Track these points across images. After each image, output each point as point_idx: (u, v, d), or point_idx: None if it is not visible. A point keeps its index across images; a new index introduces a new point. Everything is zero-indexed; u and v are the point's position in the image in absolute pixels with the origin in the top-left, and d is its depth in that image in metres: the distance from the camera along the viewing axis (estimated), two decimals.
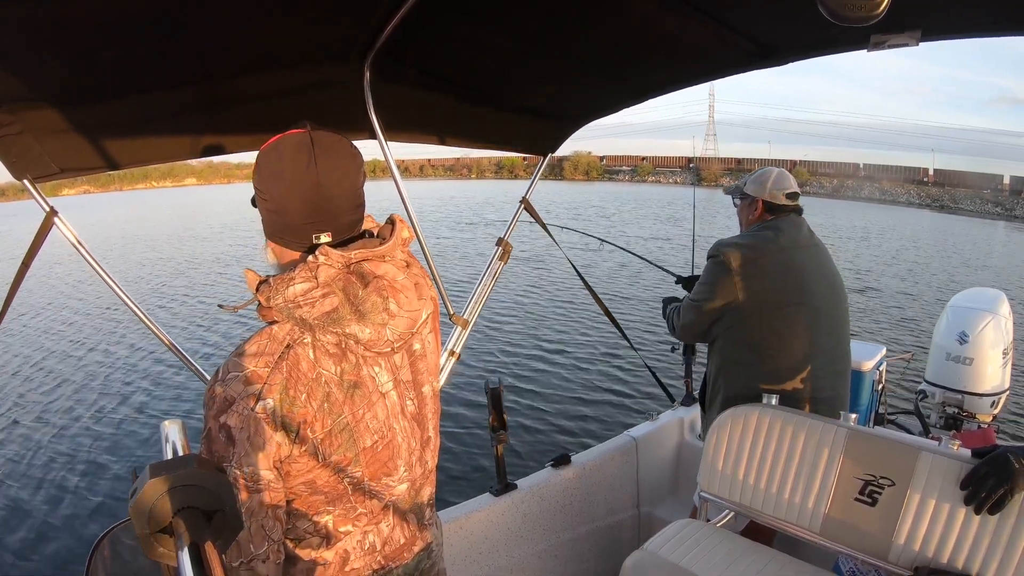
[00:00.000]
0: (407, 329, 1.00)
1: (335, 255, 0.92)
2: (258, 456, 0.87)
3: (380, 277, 0.96)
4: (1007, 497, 1.44)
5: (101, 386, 7.08)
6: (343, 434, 0.94)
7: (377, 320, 0.95)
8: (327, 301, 0.91)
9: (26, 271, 1.39)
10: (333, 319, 0.91)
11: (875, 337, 8.53)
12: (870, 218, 28.63)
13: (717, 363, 2.07)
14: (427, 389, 1.10)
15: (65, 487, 4.98)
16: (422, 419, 1.09)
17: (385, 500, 1.03)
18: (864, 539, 1.63)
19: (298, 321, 0.91)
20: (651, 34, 1.55)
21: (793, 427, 1.80)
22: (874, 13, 0.68)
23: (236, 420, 0.86)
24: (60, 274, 12.58)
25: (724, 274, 1.95)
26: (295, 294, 0.90)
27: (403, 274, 1.00)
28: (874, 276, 13.65)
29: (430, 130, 1.99)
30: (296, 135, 0.94)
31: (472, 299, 2.08)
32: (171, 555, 0.59)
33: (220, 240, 18.15)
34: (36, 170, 1.32)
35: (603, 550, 2.50)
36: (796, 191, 2.09)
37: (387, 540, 1.05)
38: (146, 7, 1.06)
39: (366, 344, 0.95)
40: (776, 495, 1.80)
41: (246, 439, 0.86)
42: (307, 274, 0.91)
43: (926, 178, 45.77)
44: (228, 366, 0.90)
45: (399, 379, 1.03)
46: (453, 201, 33.76)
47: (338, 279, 0.93)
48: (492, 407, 2.15)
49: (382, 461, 1.00)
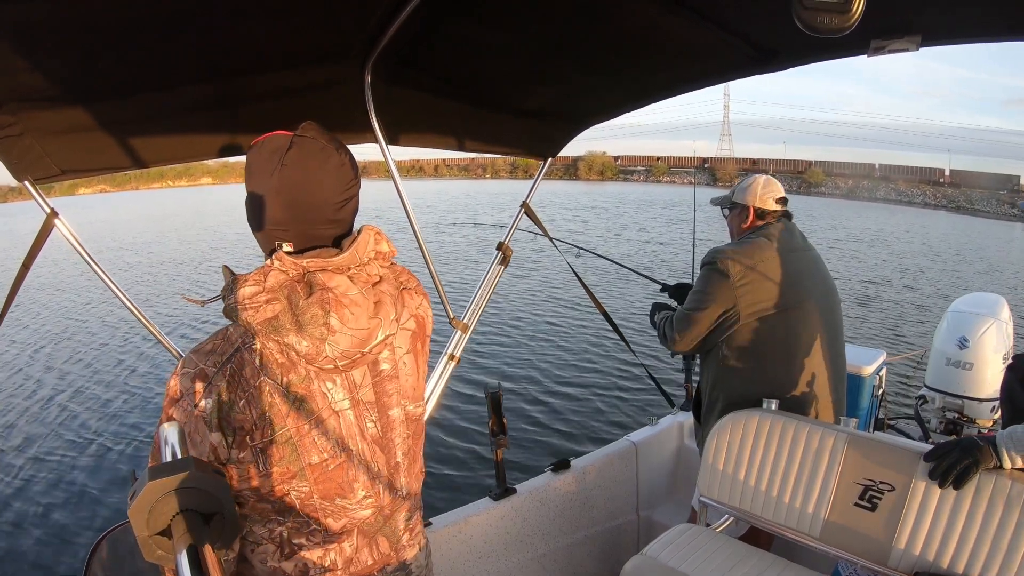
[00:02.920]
0: (352, 347, 0.94)
1: (288, 261, 0.91)
2: (196, 453, 0.87)
3: (328, 289, 0.92)
4: (971, 470, 1.45)
5: (101, 388, 7.07)
6: (286, 446, 0.91)
7: (315, 333, 0.90)
8: (269, 307, 0.89)
9: (26, 273, 1.39)
10: (274, 326, 0.89)
11: (876, 342, 8.52)
12: (884, 220, 28.55)
13: (714, 372, 2.04)
14: (396, 412, 1.04)
15: (63, 489, 4.97)
16: (387, 444, 1.03)
17: (343, 522, 0.99)
18: (864, 544, 1.62)
19: (245, 324, 0.90)
20: (652, 38, 1.55)
21: (793, 432, 1.79)
22: (847, 25, 0.69)
23: (180, 415, 0.87)
24: (60, 275, 12.59)
25: (721, 281, 1.93)
26: (243, 296, 0.89)
27: (359, 289, 0.95)
28: (883, 278, 13.63)
29: (431, 133, 1.99)
30: (279, 137, 0.94)
31: (472, 303, 2.08)
32: (169, 557, 0.59)
33: (223, 241, 18.15)
34: (37, 172, 1.32)
35: (603, 555, 2.49)
36: (784, 196, 2.10)
37: (351, 560, 1.01)
38: (147, 9, 1.06)
39: (305, 357, 0.91)
40: (776, 500, 1.80)
41: (188, 434, 0.87)
42: (258, 277, 0.90)
43: (942, 179, 45.72)
44: (185, 361, 0.90)
45: (357, 399, 0.98)
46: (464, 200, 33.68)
47: (285, 286, 0.91)
48: (492, 411, 2.14)
49: (336, 482, 0.96)
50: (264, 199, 0.94)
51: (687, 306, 2.04)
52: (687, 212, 8.48)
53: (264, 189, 0.93)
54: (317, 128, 0.96)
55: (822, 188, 49.13)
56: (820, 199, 43.92)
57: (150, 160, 1.47)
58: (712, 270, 1.97)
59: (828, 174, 51.56)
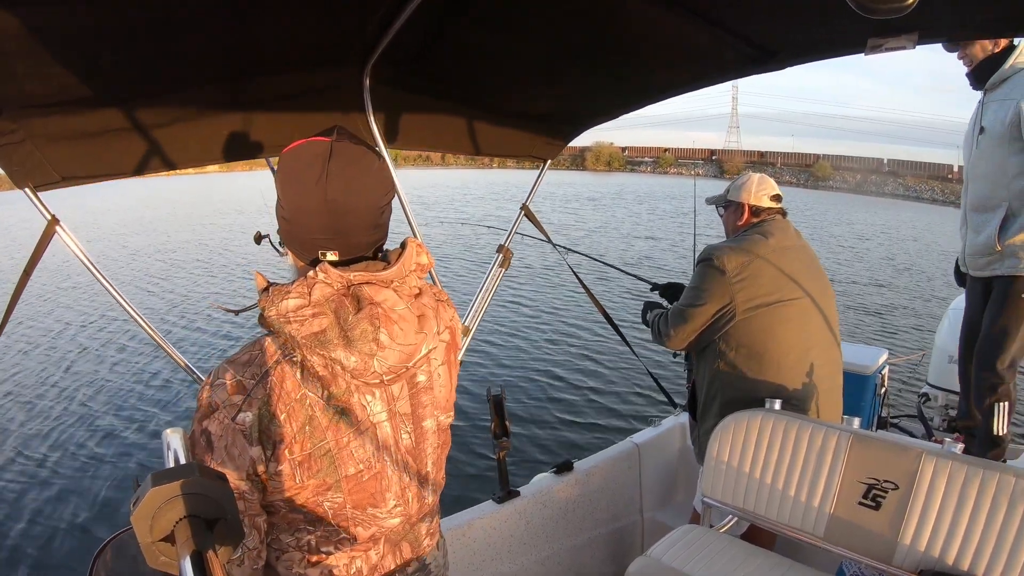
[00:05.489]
0: (399, 363, 0.94)
1: (334, 274, 0.89)
2: (234, 466, 0.86)
3: (376, 304, 0.91)
4: None
5: (104, 394, 7.07)
6: (324, 459, 0.90)
7: (364, 349, 0.89)
8: (316, 321, 0.87)
9: (27, 280, 1.39)
10: (320, 341, 0.87)
11: (879, 341, 8.51)
12: (891, 216, 28.37)
13: (710, 370, 2.04)
14: (429, 423, 1.04)
15: (67, 495, 4.96)
16: (419, 454, 1.03)
17: (372, 530, 0.99)
18: (868, 543, 1.62)
19: (287, 337, 0.88)
20: (649, 39, 1.56)
21: (796, 431, 1.79)
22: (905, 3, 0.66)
23: (216, 427, 0.85)
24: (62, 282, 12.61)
25: (718, 277, 1.94)
26: (287, 308, 0.87)
27: (405, 303, 0.94)
28: (887, 276, 13.60)
29: (429, 136, 1.99)
30: (317, 143, 0.90)
31: (473, 306, 2.08)
32: (173, 564, 0.59)
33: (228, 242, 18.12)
34: (37, 178, 1.31)
35: (606, 556, 2.49)
36: (779, 193, 2.11)
37: (376, 567, 1.01)
38: (147, 15, 1.06)
39: (352, 372, 0.90)
40: (779, 500, 1.80)
41: (223, 448, 0.85)
42: (302, 290, 0.88)
43: (951, 175, 45.46)
44: (219, 371, 0.88)
45: (394, 411, 0.98)
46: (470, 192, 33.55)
47: (332, 300, 0.89)
48: (494, 414, 2.14)
49: (368, 492, 0.96)
50: (306, 207, 0.90)
51: (683, 302, 2.04)
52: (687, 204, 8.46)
53: (307, 198, 0.89)
54: (349, 132, 0.94)
55: (830, 182, 48.86)
56: (828, 193, 43.77)
57: (150, 166, 1.48)
58: (708, 266, 1.98)
59: (836, 168, 51.17)
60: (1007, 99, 2.39)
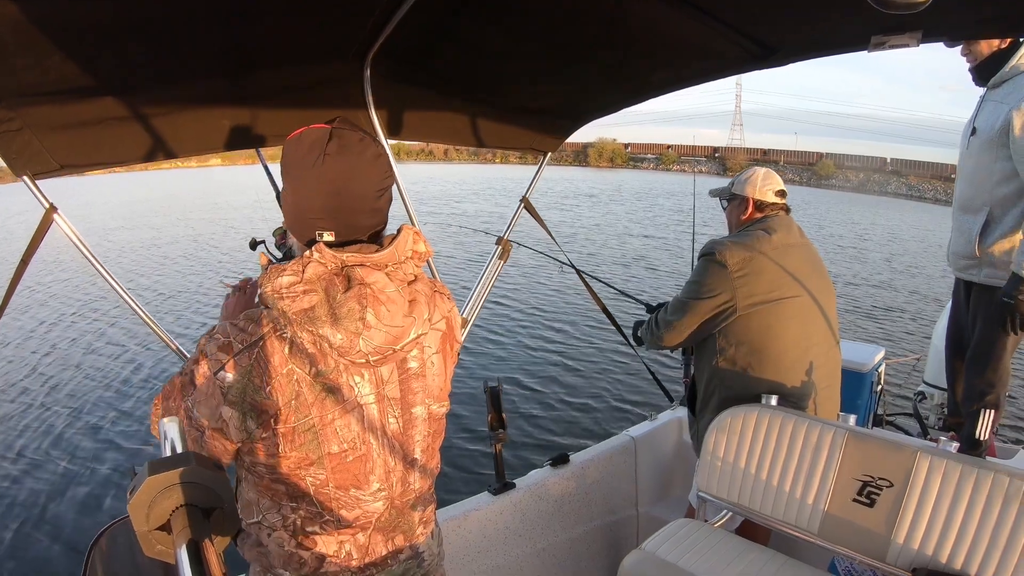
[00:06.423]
0: (385, 343, 0.96)
1: (328, 254, 0.93)
2: (205, 410, 0.91)
3: (366, 285, 0.94)
4: None
5: (100, 383, 7.07)
6: (307, 434, 0.94)
7: (351, 328, 0.93)
8: (307, 298, 0.91)
9: (25, 268, 1.38)
10: (308, 317, 0.91)
11: (876, 339, 8.53)
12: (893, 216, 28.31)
13: (709, 366, 2.03)
14: (419, 411, 1.06)
15: (63, 484, 4.97)
16: (407, 440, 1.06)
17: (356, 513, 1.01)
18: (862, 540, 1.63)
19: (280, 312, 0.91)
20: (650, 34, 1.55)
21: (792, 428, 1.80)
22: (921, 0, 0.66)
23: (200, 374, 0.91)
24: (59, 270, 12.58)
25: (719, 272, 1.92)
26: (281, 285, 0.91)
27: (395, 286, 0.97)
28: (887, 275, 13.61)
29: (430, 128, 1.99)
30: (316, 130, 0.95)
31: (471, 298, 2.08)
32: (169, 552, 0.59)
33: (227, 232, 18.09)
34: (36, 167, 1.31)
35: (601, 550, 2.50)
36: (783, 189, 2.09)
37: (366, 552, 1.05)
38: (146, 5, 1.06)
39: (338, 350, 0.93)
40: (774, 495, 1.81)
41: (202, 393, 0.91)
42: (296, 268, 0.92)
43: (953, 175, 45.51)
44: (219, 328, 0.94)
45: (383, 394, 1.00)
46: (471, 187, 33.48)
47: (323, 278, 0.93)
48: (491, 406, 2.14)
49: (352, 473, 0.99)
50: (306, 189, 0.95)
51: (683, 295, 2.02)
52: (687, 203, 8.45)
53: (306, 179, 0.95)
54: (350, 121, 0.98)
55: (832, 181, 48.71)
56: (830, 192, 43.66)
57: (148, 155, 1.47)
58: (710, 261, 1.96)
59: (839, 167, 51.01)
60: (1003, 102, 2.38)
